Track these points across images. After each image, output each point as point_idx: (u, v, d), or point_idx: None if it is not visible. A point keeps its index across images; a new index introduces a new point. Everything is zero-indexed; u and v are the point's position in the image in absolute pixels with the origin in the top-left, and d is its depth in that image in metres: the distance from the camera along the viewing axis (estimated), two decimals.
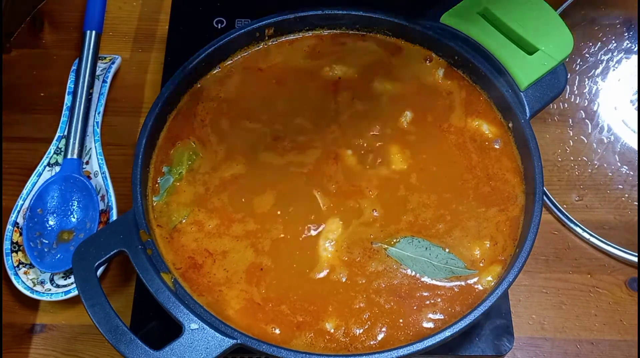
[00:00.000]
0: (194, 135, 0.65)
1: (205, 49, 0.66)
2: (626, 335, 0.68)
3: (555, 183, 0.74)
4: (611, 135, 0.76)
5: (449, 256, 0.59)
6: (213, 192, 0.62)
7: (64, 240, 0.68)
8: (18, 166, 0.74)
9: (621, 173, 0.75)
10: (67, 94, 0.76)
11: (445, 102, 0.67)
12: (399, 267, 0.59)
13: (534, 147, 0.61)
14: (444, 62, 0.69)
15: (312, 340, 0.56)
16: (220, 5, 0.82)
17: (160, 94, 0.63)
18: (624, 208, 0.73)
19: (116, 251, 0.56)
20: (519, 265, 0.57)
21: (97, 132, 0.74)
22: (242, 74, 0.68)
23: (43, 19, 0.84)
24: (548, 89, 0.64)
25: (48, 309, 0.68)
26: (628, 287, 0.70)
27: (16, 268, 0.67)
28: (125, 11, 0.85)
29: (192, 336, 0.53)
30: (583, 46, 0.81)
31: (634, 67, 0.80)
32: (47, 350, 0.66)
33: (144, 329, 0.63)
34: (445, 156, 0.64)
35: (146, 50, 0.83)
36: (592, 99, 0.78)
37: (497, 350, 0.63)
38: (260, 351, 0.53)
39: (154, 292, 0.55)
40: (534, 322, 0.68)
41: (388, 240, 0.60)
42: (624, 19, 0.83)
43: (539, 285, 0.70)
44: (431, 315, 0.57)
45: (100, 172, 0.72)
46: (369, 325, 0.57)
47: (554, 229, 0.73)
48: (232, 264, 0.59)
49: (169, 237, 0.60)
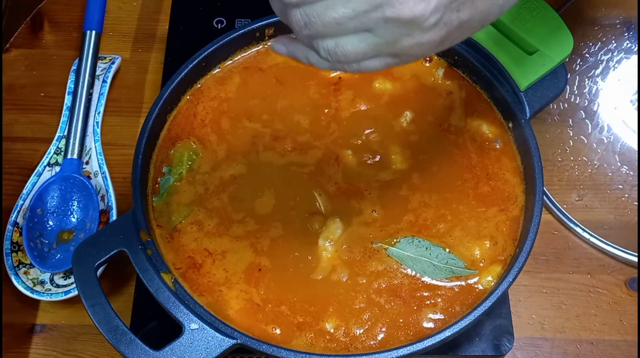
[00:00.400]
0: (194, 135, 0.65)
1: (205, 49, 0.66)
2: (626, 335, 0.68)
3: (555, 183, 0.74)
4: (611, 135, 0.76)
5: (449, 256, 0.59)
6: (213, 192, 0.62)
7: (64, 240, 0.68)
8: (18, 166, 0.74)
9: (621, 173, 0.75)
10: (67, 94, 0.76)
11: (445, 102, 0.67)
12: (399, 267, 0.59)
13: (534, 147, 0.61)
14: (444, 62, 0.69)
15: (312, 340, 0.56)
16: (220, 5, 0.82)
17: (160, 94, 0.63)
18: (624, 208, 0.73)
19: (116, 251, 0.56)
20: (519, 265, 0.57)
21: (97, 132, 0.74)
22: (243, 74, 0.68)
23: (43, 19, 0.84)
24: (548, 89, 0.64)
25: (48, 309, 0.68)
26: (628, 287, 0.70)
27: (16, 268, 0.67)
28: (125, 11, 0.85)
29: (192, 336, 0.53)
30: (583, 46, 0.81)
31: (634, 67, 0.80)
32: (47, 350, 0.66)
33: (144, 329, 0.63)
34: (446, 156, 0.64)
35: (146, 50, 0.83)
36: (592, 99, 0.78)
37: (497, 350, 0.63)
38: (260, 351, 0.53)
39: (154, 292, 0.55)
40: (534, 322, 0.68)
41: (388, 239, 0.60)
42: (624, 19, 0.83)
43: (539, 285, 0.70)
44: (431, 314, 0.57)
45: (100, 172, 0.72)
46: (370, 325, 0.57)
47: (554, 229, 0.73)
48: (232, 264, 0.59)
49: (169, 237, 0.60)
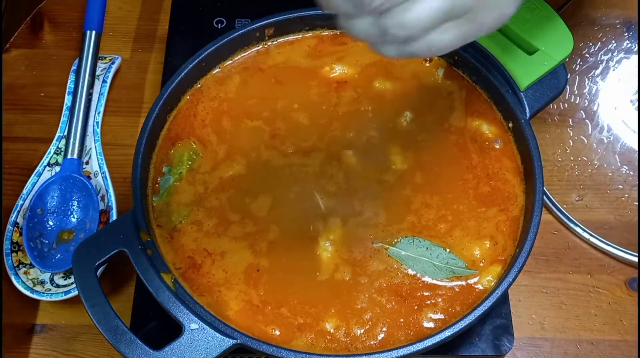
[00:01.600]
0: (194, 135, 0.65)
1: (205, 49, 0.66)
2: (626, 335, 0.68)
3: (555, 183, 0.74)
4: (611, 135, 0.76)
5: (449, 256, 0.59)
6: (213, 192, 0.62)
7: (64, 240, 0.68)
8: (18, 166, 0.74)
9: (621, 173, 0.75)
10: (67, 94, 0.76)
11: (445, 102, 0.67)
12: (400, 267, 0.59)
13: (534, 147, 0.61)
14: (444, 62, 0.69)
15: (313, 341, 0.56)
16: (220, 5, 0.82)
17: (160, 94, 0.63)
18: (624, 208, 0.73)
19: (116, 251, 0.56)
20: (519, 265, 0.57)
21: (97, 132, 0.74)
22: (243, 74, 0.68)
23: (43, 19, 0.84)
24: (548, 89, 0.64)
25: (48, 309, 0.68)
26: (628, 287, 0.70)
27: (16, 268, 0.67)
28: (125, 11, 0.85)
29: (192, 336, 0.53)
30: (583, 46, 0.81)
31: (634, 67, 0.80)
32: (47, 350, 0.66)
33: (144, 329, 0.63)
34: (446, 156, 0.64)
35: (146, 50, 0.83)
36: (592, 99, 0.78)
37: (497, 350, 0.63)
38: (260, 351, 0.53)
39: (154, 292, 0.54)
40: (534, 322, 0.68)
41: (389, 239, 0.60)
42: (624, 19, 0.83)
43: (539, 285, 0.70)
44: (432, 314, 0.57)
45: (100, 172, 0.72)
46: (371, 325, 0.57)
47: (554, 229, 0.73)
48: (231, 265, 0.59)
49: (169, 237, 0.60)
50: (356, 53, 0.69)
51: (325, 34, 0.70)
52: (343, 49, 0.69)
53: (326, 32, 0.70)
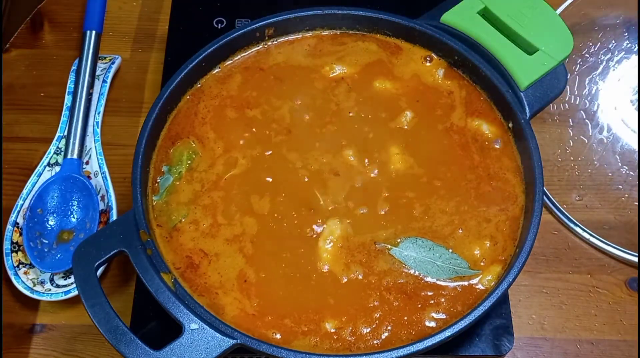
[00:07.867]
0: (194, 134, 0.65)
1: (205, 49, 0.66)
2: (626, 335, 0.68)
3: (555, 183, 0.74)
4: (611, 135, 0.77)
5: (452, 257, 0.59)
6: (212, 191, 0.62)
7: (64, 240, 0.68)
8: (18, 166, 0.74)
9: (621, 173, 0.75)
10: (67, 94, 0.76)
11: (445, 102, 0.67)
12: (402, 267, 0.59)
13: (534, 147, 0.61)
14: (444, 62, 0.69)
15: (317, 343, 0.56)
16: (220, 5, 0.82)
17: (160, 94, 0.63)
18: (624, 208, 0.73)
19: (116, 251, 0.56)
20: (519, 265, 0.57)
21: (97, 132, 0.74)
22: (243, 74, 0.68)
23: (43, 19, 0.84)
24: (548, 89, 0.64)
25: (48, 309, 0.68)
26: (628, 287, 0.70)
27: (16, 268, 0.67)
28: (125, 11, 0.85)
29: (192, 336, 0.53)
30: (583, 46, 0.81)
31: (634, 67, 0.80)
32: (47, 350, 0.66)
33: (144, 329, 0.63)
34: (446, 156, 0.64)
35: (146, 50, 0.83)
36: (592, 100, 0.78)
37: (497, 350, 0.63)
38: (261, 351, 0.53)
39: (154, 292, 0.54)
40: (534, 322, 0.68)
41: (391, 240, 0.60)
42: (624, 19, 0.83)
43: (539, 285, 0.70)
44: (434, 314, 0.57)
45: (100, 172, 0.72)
46: (377, 323, 0.57)
47: (554, 229, 0.73)
48: (227, 268, 0.59)
49: (168, 236, 0.60)
50: (356, 53, 0.69)
51: (325, 34, 0.70)
52: (343, 49, 0.69)
53: (326, 32, 0.70)
